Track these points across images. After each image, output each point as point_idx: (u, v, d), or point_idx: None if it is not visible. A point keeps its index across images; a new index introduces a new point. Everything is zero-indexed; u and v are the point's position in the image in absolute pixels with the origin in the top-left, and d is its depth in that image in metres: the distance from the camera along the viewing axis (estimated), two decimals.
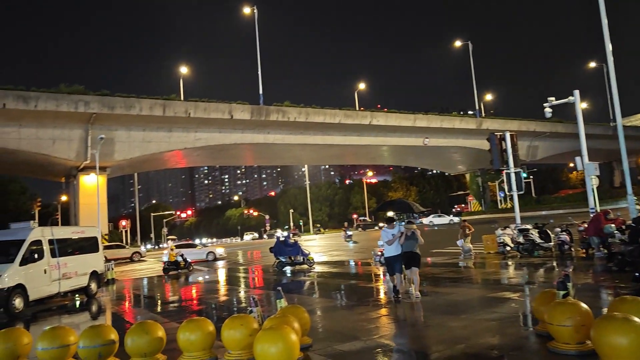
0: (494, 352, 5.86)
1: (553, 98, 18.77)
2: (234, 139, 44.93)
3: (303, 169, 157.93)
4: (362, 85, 59.23)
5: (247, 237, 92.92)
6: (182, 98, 42.55)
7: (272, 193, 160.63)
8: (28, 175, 54.16)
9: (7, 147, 36.09)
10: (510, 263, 15.67)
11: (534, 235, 16.47)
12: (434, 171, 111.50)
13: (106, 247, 39.82)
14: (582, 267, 13.32)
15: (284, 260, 20.12)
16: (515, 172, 18.17)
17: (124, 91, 39.90)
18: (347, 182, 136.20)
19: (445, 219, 59.74)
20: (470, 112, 63.86)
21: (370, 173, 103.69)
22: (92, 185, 36.89)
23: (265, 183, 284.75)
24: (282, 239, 21.64)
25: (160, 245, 75.35)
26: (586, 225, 15.69)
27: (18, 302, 12.24)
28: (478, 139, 60.26)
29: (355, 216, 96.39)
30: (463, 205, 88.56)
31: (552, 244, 16.57)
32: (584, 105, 78.33)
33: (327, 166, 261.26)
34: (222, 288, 15.97)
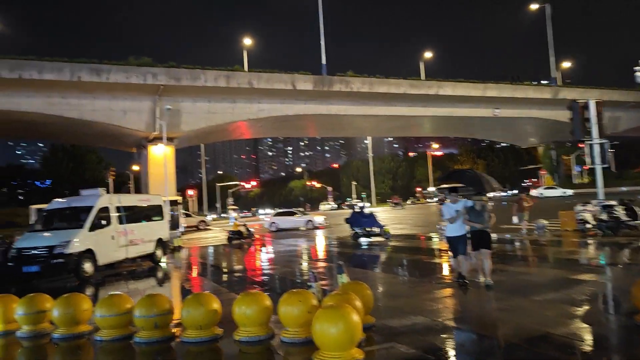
0: (585, 343, 5.12)
1: None
2: (297, 110, 44.71)
3: (366, 141, 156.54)
4: (428, 54, 56.93)
5: (325, 207, 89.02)
6: (245, 69, 42.64)
7: (335, 165, 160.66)
8: (103, 145, 56.91)
9: (83, 118, 37.73)
10: (591, 242, 14.43)
11: (620, 212, 15.06)
12: (503, 144, 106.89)
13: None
14: None
15: (359, 231, 19.63)
16: (599, 144, 16.59)
17: (189, 63, 40.51)
18: (411, 154, 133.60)
19: (557, 191, 59.20)
20: (543, 82, 60.02)
21: (435, 145, 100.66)
22: (161, 156, 38.01)
23: (328, 155, 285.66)
24: (357, 209, 21.01)
25: (222, 215, 77.32)
26: None
27: (87, 267, 12.64)
28: (553, 109, 56.64)
29: (419, 189, 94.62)
30: (534, 179, 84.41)
31: (639, 222, 15.13)
32: None
33: (390, 138, 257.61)
34: (287, 259, 15.83)
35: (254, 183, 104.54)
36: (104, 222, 13.53)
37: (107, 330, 6.05)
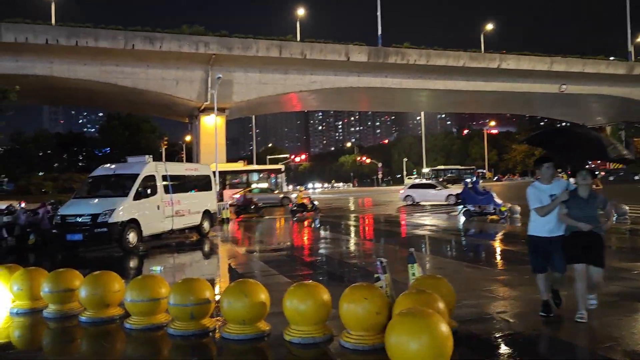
0: None
1: None
2: (350, 82, 43.29)
3: (418, 117, 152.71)
4: (489, 26, 53.64)
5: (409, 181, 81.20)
6: (298, 39, 41.45)
7: (386, 141, 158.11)
8: (156, 115, 57.53)
9: (137, 86, 37.86)
10: None
11: None
12: (565, 122, 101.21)
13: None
14: None
15: (472, 209, 17.93)
16: None
17: (242, 33, 39.71)
18: (465, 132, 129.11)
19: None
20: (611, 59, 55.49)
21: (492, 123, 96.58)
22: (212, 126, 37.73)
23: (378, 131, 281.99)
24: (470, 185, 18.97)
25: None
26: None
27: (132, 237, 12.08)
28: (627, 86, 52.55)
29: (473, 168, 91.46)
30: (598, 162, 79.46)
31: None
32: None
33: (443, 115, 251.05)
34: (353, 238, 14.81)
35: (303, 157, 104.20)
36: (149, 190, 12.92)
37: (138, 317, 5.19)
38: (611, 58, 55.36)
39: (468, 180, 19.34)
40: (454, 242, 12.98)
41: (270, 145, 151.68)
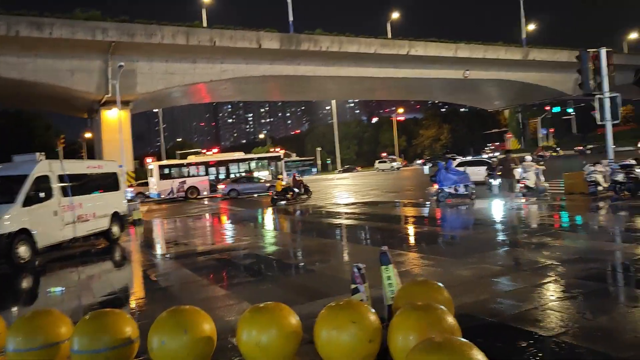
0: None
1: None
2: (262, 71, 41.77)
3: (328, 107, 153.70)
4: (395, 14, 54.37)
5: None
6: (205, 25, 39.21)
7: (298, 131, 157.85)
8: (52, 110, 52.40)
9: (25, 78, 33.78)
10: (618, 205, 12.89)
11: (638, 172, 13.54)
12: (466, 107, 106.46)
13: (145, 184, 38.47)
14: None
15: (447, 189, 17.40)
16: (610, 97, 14.93)
17: (145, 18, 36.76)
18: (374, 120, 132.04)
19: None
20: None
21: (400, 110, 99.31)
22: (115, 121, 34.62)
23: (289, 122, 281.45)
24: (444, 164, 18.57)
25: None
26: None
27: (23, 251, 10.08)
28: (523, 71, 55.64)
29: (384, 154, 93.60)
30: (498, 143, 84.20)
31: None
32: (634, 35, 72.07)
33: (352, 104, 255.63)
34: (316, 233, 13.58)
35: (215, 150, 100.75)
36: (43, 194, 10.91)
37: None
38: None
39: (442, 162, 19.04)
40: (404, 232, 12.30)
41: (179, 140, 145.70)
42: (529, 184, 15.65)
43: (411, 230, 12.19)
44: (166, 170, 37.50)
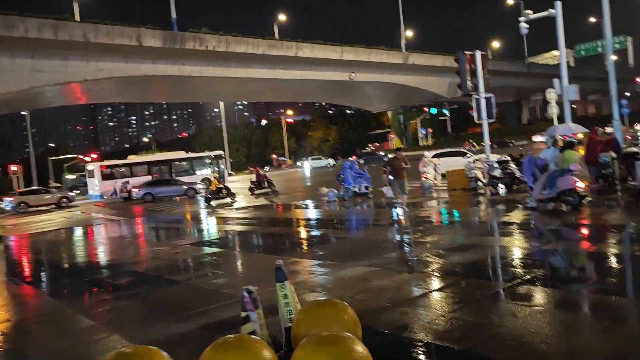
0: None
1: (530, 11, 16.57)
2: (144, 71, 39.53)
3: (216, 110, 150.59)
4: (282, 17, 54.59)
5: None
6: (77, 18, 36.19)
7: (185, 134, 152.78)
8: None
9: None
10: (496, 200, 13.78)
11: (513, 168, 14.65)
12: (352, 110, 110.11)
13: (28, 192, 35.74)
14: (603, 204, 11.49)
15: (353, 189, 17.51)
16: (485, 98, 16.02)
17: (3, 9, 32.98)
18: (264, 122, 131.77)
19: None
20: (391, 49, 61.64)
21: (289, 112, 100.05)
22: None
23: (175, 125, 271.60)
24: (349, 163, 18.67)
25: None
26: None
27: None
28: (404, 74, 58.69)
29: (274, 156, 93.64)
30: (378, 144, 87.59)
31: None
32: (497, 44, 79.53)
33: (240, 106, 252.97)
34: (205, 241, 12.65)
35: (94, 156, 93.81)
36: None
37: None
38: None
39: (350, 163, 19.01)
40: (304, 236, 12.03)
41: (52, 145, 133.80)
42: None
43: (304, 234, 12.01)
44: (109, 171, 36.99)
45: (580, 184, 10.32)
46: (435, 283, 5.99)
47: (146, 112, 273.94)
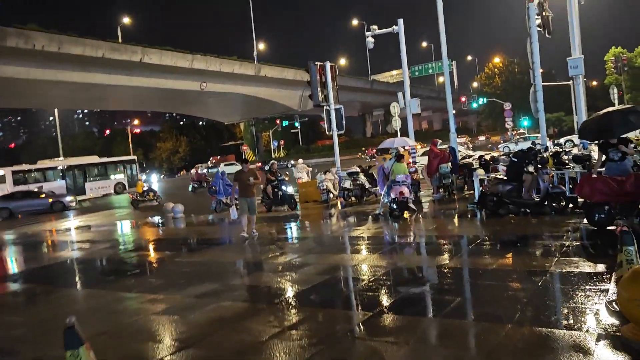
0: None
1: (375, 26, 17.22)
2: None
3: (52, 118, 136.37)
4: (126, 20, 51.05)
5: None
6: None
7: (12, 145, 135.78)
8: None
9: None
10: (347, 212, 13.87)
11: (363, 179, 14.96)
12: (204, 121, 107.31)
13: None
14: (444, 211, 12.08)
15: (224, 200, 16.37)
16: (335, 109, 16.24)
17: None
18: (108, 132, 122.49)
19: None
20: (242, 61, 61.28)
21: (135, 122, 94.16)
22: None
23: (1, 133, 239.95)
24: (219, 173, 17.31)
25: None
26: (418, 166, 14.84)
27: None
28: (256, 86, 58.59)
29: None
30: (228, 155, 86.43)
31: (377, 188, 15.40)
32: (343, 61, 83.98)
33: (81, 115, 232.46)
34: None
35: None
36: None
37: None
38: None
39: (220, 172, 17.51)
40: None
41: None
42: (329, 187, 15.92)
43: (135, 258, 10.76)
44: (20, 176, 35.61)
45: (407, 194, 10.93)
46: (287, 317, 5.45)
47: None
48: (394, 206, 11.12)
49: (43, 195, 28.43)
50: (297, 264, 7.78)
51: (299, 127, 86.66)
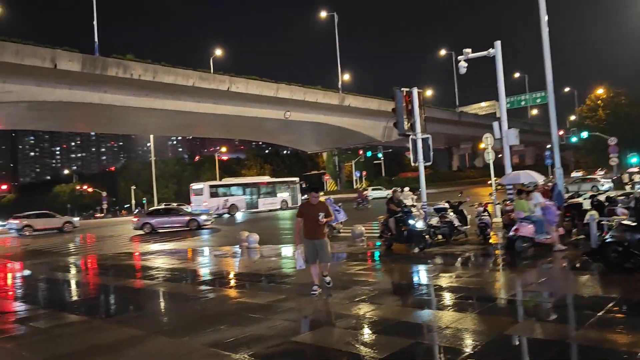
0: None
1: (469, 50, 15.70)
2: (59, 96, 36.22)
3: (148, 144, 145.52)
4: (218, 52, 52.85)
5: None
6: None
7: (113, 168, 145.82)
8: None
9: None
10: (429, 252, 12.19)
11: (452, 216, 13.25)
12: (288, 150, 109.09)
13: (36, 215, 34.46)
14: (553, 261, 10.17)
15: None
16: (423, 139, 14.75)
17: None
18: (197, 159, 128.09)
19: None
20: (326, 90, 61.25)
21: (223, 149, 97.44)
22: None
23: (104, 157, 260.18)
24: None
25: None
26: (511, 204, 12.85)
27: None
28: (339, 116, 58.16)
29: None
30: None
31: (468, 227, 13.60)
32: (429, 92, 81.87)
33: (174, 142, 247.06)
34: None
35: (4, 187, 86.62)
36: None
37: None
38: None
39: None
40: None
41: None
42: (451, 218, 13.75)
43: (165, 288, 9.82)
44: (213, 190, 42.67)
45: (526, 232, 9.49)
46: None
47: (73, 143, 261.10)
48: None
49: (182, 213, 29.69)
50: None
51: (382, 158, 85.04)
